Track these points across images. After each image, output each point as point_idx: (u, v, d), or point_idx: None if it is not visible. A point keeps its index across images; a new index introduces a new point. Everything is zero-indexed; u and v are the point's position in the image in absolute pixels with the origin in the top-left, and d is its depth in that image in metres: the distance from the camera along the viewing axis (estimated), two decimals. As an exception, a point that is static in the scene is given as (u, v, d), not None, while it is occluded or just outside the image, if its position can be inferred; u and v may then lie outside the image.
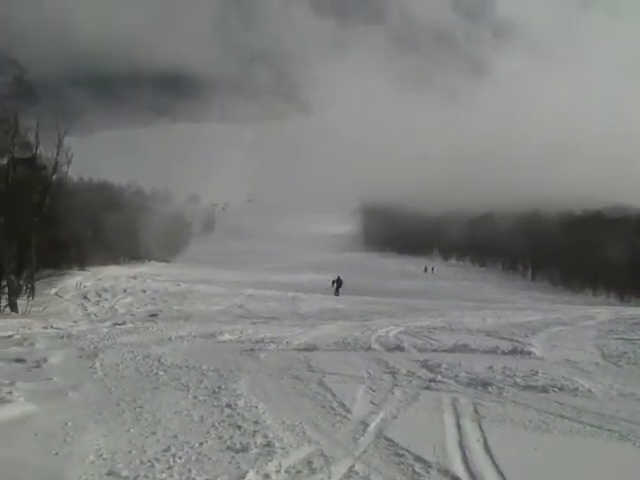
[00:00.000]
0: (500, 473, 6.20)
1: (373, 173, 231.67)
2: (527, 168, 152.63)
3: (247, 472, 6.14)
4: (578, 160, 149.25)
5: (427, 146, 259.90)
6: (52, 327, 21.87)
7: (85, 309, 43.40)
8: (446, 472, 6.18)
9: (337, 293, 60.21)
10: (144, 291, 54.63)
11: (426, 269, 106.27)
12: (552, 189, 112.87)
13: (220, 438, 7.32)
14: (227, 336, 18.50)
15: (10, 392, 9.12)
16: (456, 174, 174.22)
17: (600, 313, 30.69)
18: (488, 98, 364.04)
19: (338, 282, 62.20)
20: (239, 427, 7.80)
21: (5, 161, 43.84)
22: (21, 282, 43.11)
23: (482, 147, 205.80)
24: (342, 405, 9.04)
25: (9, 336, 17.07)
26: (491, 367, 11.87)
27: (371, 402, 9.27)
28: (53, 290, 49.54)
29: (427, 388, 10.16)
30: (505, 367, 11.80)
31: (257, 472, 6.16)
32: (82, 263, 73.64)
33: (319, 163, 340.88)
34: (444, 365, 12.02)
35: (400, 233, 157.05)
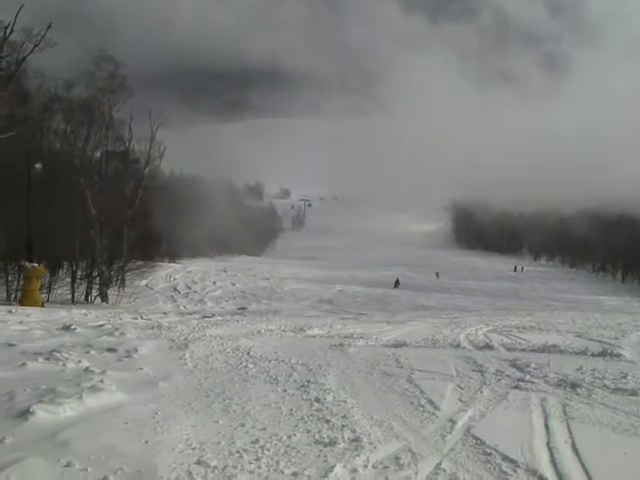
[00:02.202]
0: (588, 475, 6.12)
1: (461, 171, 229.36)
2: (619, 169, 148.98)
3: (334, 466, 6.15)
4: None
5: (516, 145, 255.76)
6: (142, 318, 22.24)
7: (174, 301, 44.13)
8: (534, 472, 6.13)
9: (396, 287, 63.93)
10: (233, 284, 55.40)
11: (515, 268, 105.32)
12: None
13: (308, 432, 7.36)
14: (316, 331, 18.60)
15: (102, 381, 9.25)
16: (547, 173, 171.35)
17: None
18: (577, 97, 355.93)
19: (397, 282, 66.78)
20: (327, 421, 7.82)
21: (99, 154, 44.69)
22: (112, 273, 43.95)
23: (573, 147, 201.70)
24: (430, 402, 9.01)
25: (100, 325, 17.32)
26: (580, 368, 11.69)
27: (459, 400, 9.23)
28: (143, 282, 50.43)
29: (516, 387, 10.06)
30: (594, 369, 11.62)
31: (344, 466, 6.18)
32: (173, 256, 74.71)
33: (403, 161, 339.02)
34: (533, 365, 11.89)
35: (490, 232, 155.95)
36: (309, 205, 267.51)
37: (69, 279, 40.64)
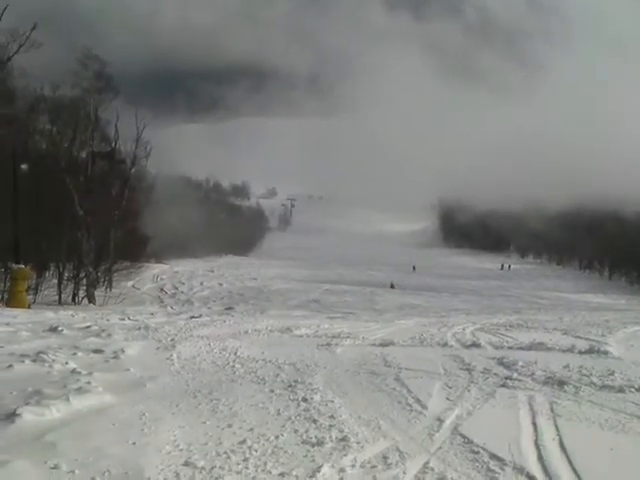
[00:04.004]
0: (576, 472, 6.12)
1: (447, 170, 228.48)
2: (607, 168, 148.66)
3: (322, 466, 6.14)
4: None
5: (500, 144, 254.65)
6: (129, 319, 22.14)
7: (161, 301, 44.07)
8: (521, 470, 6.13)
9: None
10: (221, 285, 55.37)
11: (502, 266, 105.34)
12: (632, 189, 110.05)
13: (296, 432, 7.35)
14: (303, 330, 18.56)
15: (89, 382, 9.25)
16: (532, 172, 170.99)
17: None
18: (561, 96, 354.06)
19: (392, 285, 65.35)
20: (315, 421, 7.80)
21: (85, 155, 44.54)
22: (99, 274, 43.80)
23: (557, 146, 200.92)
24: (418, 401, 9.00)
25: (87, 327, 17.27)
26: (567, 366, 11.69)
27: (447, 398, 9.22)
28: (130, 282, 50.36)
29: (503, 386, 10.07)
30: (581, 366, 11.62)
31: (332, 466, 6.16)
32: (159, 256, 74.33)
33: (389, 160, 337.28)
34: (520, 363, 11.89)
35: (477, 230, 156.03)
36: (293, 206, 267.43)
37: (56, 280, 40.54)
